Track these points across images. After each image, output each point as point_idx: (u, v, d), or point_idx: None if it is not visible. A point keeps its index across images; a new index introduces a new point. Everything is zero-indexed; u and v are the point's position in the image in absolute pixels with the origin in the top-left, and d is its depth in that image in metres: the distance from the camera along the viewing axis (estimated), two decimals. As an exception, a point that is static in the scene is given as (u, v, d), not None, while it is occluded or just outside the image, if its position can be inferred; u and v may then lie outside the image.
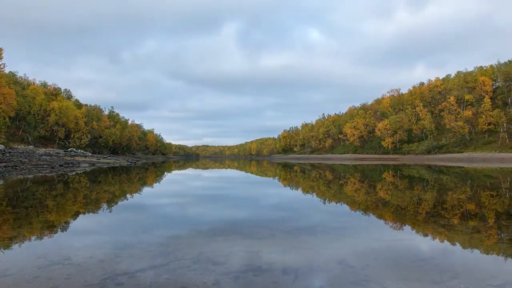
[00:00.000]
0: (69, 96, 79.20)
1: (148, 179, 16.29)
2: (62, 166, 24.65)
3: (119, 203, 8.07)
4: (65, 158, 32.72)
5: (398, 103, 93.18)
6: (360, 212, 6.70)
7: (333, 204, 8.12)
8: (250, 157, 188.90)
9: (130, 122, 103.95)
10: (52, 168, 22.18)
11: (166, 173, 22.04)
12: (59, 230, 4.95)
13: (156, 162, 53.76)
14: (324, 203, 8.24)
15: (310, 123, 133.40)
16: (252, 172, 23.76)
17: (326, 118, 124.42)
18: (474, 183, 13.37)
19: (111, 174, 18.90)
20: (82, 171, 20.36)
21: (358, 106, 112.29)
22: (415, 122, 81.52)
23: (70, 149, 50.88)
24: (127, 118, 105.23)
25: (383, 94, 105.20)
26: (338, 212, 6.78)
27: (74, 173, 18.73)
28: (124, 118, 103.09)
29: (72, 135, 66.26)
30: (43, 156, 30.63)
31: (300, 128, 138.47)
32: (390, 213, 6.44)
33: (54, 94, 72.08)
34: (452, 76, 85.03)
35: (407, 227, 5.13)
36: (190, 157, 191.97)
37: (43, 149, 42.28)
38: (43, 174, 16.80)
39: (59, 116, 62.27)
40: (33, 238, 4.40)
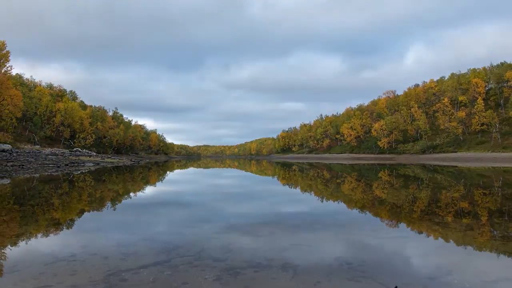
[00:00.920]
0: (74, 98, 79.14)
1: (151, 178, 16.28)
2: (67, 165, 24.63)
3: (122, 201, 8.07)
4: (70, 157, 32.71)
5: (393, 104, 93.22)
6: (357, 210, 6.70)
7: (330, 202, 8.12)
8: (250, 156, 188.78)
9: (133, 123, 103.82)
10: (58, 167, 22.16)
11: (168, 172, 22.04)
12: (64, 227, 4.95)
13: (158, 161, 53.71)
14: (322, 201, 8.24)
15: (308, 124, 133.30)
16: (252, 171, 23.76)
17: (324, 118, 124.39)
18: (468, 182, 13.37)
19: (115, 173, 18.89)
20: (87, 170, 20.34)
21: (355, 107, 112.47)
22: (410, 122, 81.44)
23: (75, 149, 50.89)
24: (130, 118, 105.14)
25: (379, 96, 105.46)
26: (335, 210, 6.79)
27: (79, 172, 18.72)
28: (128, 118, 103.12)
29: (77, 135, 66.14)
30: (49, 156, 30.63)
31: (299, 129, 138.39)
32: (386, 211, 6.44)
33: (59, 95, 72.07)
34: (446, 78, 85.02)
35: (403, 225, 5.13)
36: (192, 156, 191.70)
37: (49, 149, 42.26)
38: (49, 173, 16.79)
39: (65, 116, 62.22)
40: (39, 235, 4.40)
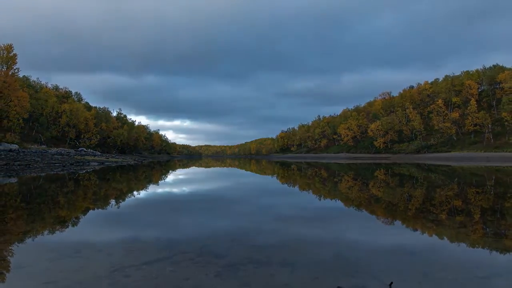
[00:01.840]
0: (79, 99, 79.16)
1: (153, 177, 16.27)
2: (72, 165, 24.62)
3: (126, 199, 8.06)
4: (75, 157, 32.66)
5: (389, 105, 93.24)
6: (353, 207, 6.70)
7: (328, 199, 8.12)
8: (250, 156, 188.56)
9: (137, 123, 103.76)
10: (64, 166, 22.15)
11: (170, 171, 22.02)
12: (70, 225, 4.95)
13: (161, 161, 53.67)
14: (320, 199, 8.24)
15: (306, 124, 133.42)
16: (252, 171, 23.76)
17: (322, 119, 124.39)
18: (461, 180, 13.38)
19: (119, 172, 18.88)
20: (91, 170, 20.33)
21: (352, 108, 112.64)
22: (405, 123, 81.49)
23: (80, 148, 50.86)
24: (134, 119, 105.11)
25: (375, 97, 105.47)
26: (332, 207, 6.78)
27: (84, 171, 18.71)
28: (131, 119, 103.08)
29: (82, 136, 66.17)
30: (55, 156, 30.61)
31: (297, 129, 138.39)
32: (382, 209, 6.44)
33: (65, 96, 72.11)
34: (440, 80, 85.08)
35: (398, 222, 5.14)
36: (193, 156, 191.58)
37: (55, 148, 42.23)
38: (55, 172, 16.78)
39: (70, 117, 62.28)
40: (45, 232, 4.39)
